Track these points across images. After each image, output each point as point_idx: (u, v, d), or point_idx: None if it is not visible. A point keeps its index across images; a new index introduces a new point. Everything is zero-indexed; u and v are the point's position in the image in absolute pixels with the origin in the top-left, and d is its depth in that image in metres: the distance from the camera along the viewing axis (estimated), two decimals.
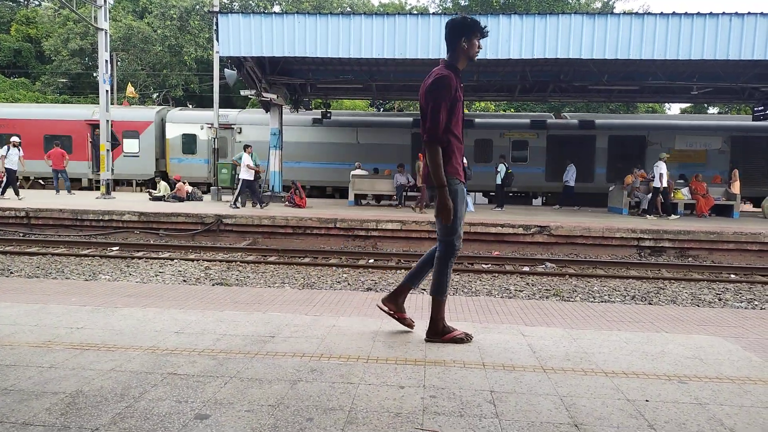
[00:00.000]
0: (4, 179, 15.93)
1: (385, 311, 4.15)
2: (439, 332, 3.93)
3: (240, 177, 14.88)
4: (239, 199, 15.04)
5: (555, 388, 3.12)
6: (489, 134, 21.37)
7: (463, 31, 3.55)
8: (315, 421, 2.63)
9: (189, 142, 22.46)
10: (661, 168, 14.99)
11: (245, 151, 15.06)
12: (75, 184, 21.64)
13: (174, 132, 22.41)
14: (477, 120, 21.88)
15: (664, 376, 3.36)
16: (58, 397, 2.85)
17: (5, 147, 16.12)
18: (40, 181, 23.04)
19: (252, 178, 14.82)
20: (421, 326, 4.16)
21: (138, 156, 22.58)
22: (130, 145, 22.39)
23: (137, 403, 2.80)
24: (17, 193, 15.81)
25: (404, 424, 2.62)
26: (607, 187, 18.87)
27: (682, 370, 3.47)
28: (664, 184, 15.06)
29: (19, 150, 16.17)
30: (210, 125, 19.93)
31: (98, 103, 18.57)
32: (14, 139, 16.27)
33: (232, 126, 22.22)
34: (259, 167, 15.69)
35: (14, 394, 2.88)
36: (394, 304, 4.13)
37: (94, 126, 21.77)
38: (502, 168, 16.92)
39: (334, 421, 2.63)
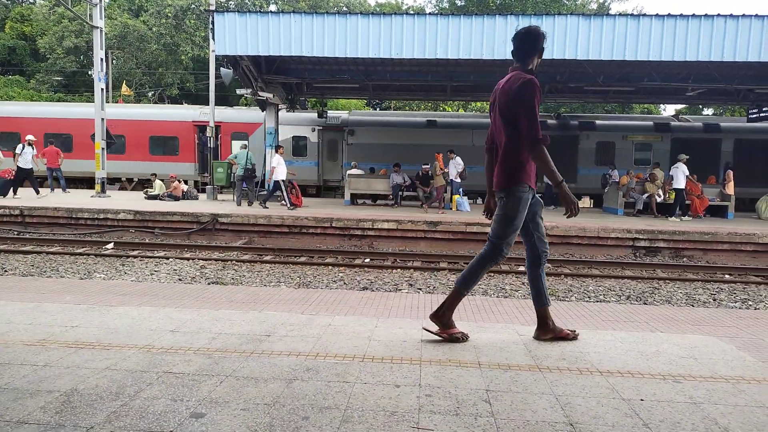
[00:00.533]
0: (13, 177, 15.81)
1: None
2: (443, 322, 3.92)
3: (275, 178, 14.83)
4: (267, 199, 15.04)
5: (550, 388, 3.13)
6: (611, 137, 21.08)
7: (540, 41, 3.67)
8: (311, 420, 2.63)
9: (299, 145, 22.28)
10: (683, 169, 15.13)
11: (277, 152, 15.18)
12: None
13: (284, 134, 21.85)
14: (599, 122, 21.64)
15: (659, 376, 3.37)
16: (53, 395, 2.84)
17: (20, 145, 15.97)
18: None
19: (284, 177, 14.90)
20: (414, 326, 4.16)
21: None
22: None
23: (132, 401, 2.79)
24: (37, 192, 15.74)
25: (400, 423, 2.62)
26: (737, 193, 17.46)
27: (676, 370, 3.49)
28: (681, 185, 15.22)
29: (33, 149, 16.03)
30: (321, 127, 19.84)
31: (167, 105, 18.91)
32: (29, 137, 16.18)
33: (344, 128, 21.88)
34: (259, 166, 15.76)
35: (8, 392, 2.86)
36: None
37: (201, 127, 21.80)
38: None
39: (329, 420, 2.63)
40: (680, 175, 15.18)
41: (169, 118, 22.48)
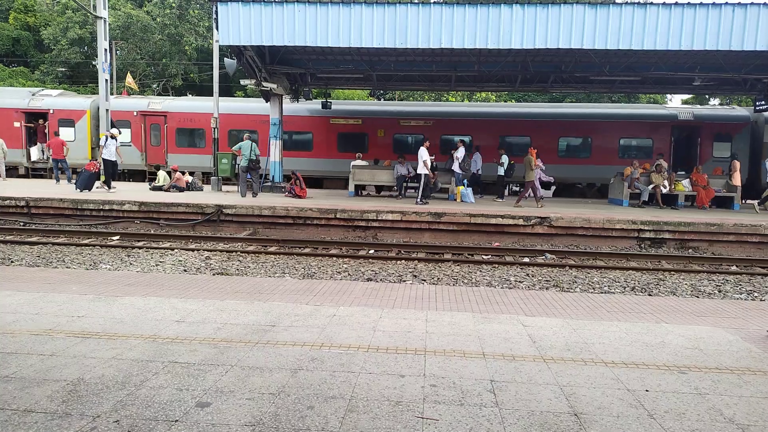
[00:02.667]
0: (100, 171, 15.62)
1: None
2: None
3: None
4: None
5: (555, 378, 3.13)
6: None
7: None
8: (316, 409, 2.64)
9: None
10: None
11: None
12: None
13: None
14: None
15: (663, 367, 3.37)
16: (60, 384, 2.86)
17: (104, 137, 15.70)
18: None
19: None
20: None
21: None
22: None
23: (138, 390, 2.81)
24: (109, 186, 15.49)
25: (404, 413, 2.63)
26: None
27: (681, 361, 3.48)
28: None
29: (116, 141, 15.70)
30: None
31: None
32: (113, 130, 15.98)
33: None
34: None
35: (16, 381, 2.88)
36: None
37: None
38: (505, 159, 16.83)
39: (334, 410, 2.64)
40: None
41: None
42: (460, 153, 16.35)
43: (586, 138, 20.67)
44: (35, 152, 22.10)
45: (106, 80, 16.70)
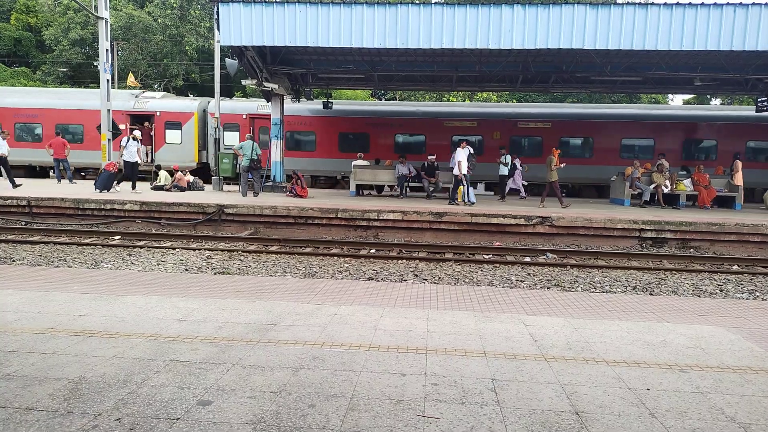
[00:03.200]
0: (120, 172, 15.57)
1: None
2: None
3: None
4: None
5: (556, 377, 3.12)
6: None
7: None
8: (317, 408, 2.64)
9: None
10: None
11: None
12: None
13: None
14: None
15: (665, 366, 3.36)
16: (61, 383, 2.86)
17: (125, 138, 15.63)
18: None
19: None
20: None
21: None
22: None
23: (140, 389, 2.81)
24: (134, 186, 15.52)
25: (406, 411, 2.63)
26: None
27: (683, 360, 3.48)
28: None
29: (137, 143, 15.72)
30: None
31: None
32: (136, 133, 15.95)
33: None
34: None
35: (17, 379, 2.89)
36: None
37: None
38: (507, 159, 16.80)
39: (336, 408, 2.64)
40: None
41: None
42: (460, 155, 16.06)
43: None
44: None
45: (108, 80, 16.71)
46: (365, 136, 21.23)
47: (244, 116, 21.52)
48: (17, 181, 15.55)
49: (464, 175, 14.73)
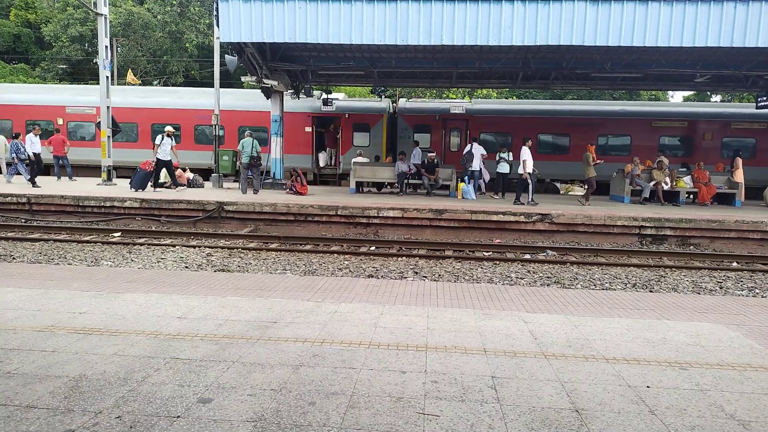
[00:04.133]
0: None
1: None
2: None
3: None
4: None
5: (556, 374, 3.13)
6: None
7: None
8: (317, 405, 2.64)
9: None
10: None
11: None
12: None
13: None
14: None
15: (665, 363, 3.37)
16: (62, 380, 2.87)
17: (159, 136, 15.50)
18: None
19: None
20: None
21: None
22: None
23: (140, 387, 2.81)
24: (175, 183, 15.55)
25: (406, 409, 2.63)
26: None
27: (683, 357, 3.49)
28: None
29: (172, 140, 15.56)
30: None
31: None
32: (168, 128, 15.84)
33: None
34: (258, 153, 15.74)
35: (18, 377, 2.89)
36: None
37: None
38: (507, 156, 16.56)
39: (336, 405, 2.64)
40: None
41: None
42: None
43: None
44: (323, 158, 21.38)
45: (107, 77, 16.68)
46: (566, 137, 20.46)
47: (437, 117, 20.65)
48: (37, 181, 15.48)
49: (529, 173, 14.27)
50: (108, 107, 16.71)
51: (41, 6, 39.17)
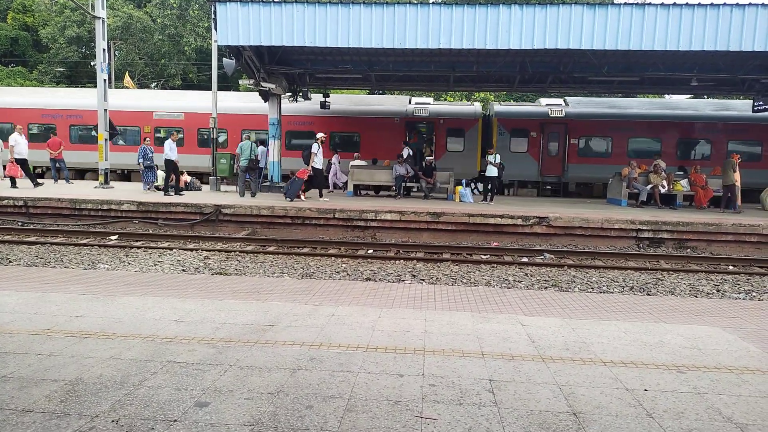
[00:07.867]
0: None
1: None
2: None
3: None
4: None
5: (554, 377, 3.13)
6: None
7: None
8: (314, 409, 2.64)
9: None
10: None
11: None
12: None
13: None
14: None
15: (662, 366, 3.37)
16: (58, 384, 2.85)
17: (315, 144, 14.82)
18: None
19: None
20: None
21: None
22: None
23: (137, 390, 2.80)
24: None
25: (403, 412, 2.63)
26: None
27: (680, 360, 3.49)
28: None
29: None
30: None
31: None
32: (320, 135, 15.40)
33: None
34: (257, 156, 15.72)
35: (14, 381, 2.88)
36: None
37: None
38: (495, 158, 16.27)
39: (333, 409, 2.64)
40: None
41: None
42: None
43: None
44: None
45: (105, 80, 16.67)
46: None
47: (537, 122, 20.16)
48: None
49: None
50: (105, 110, 16.68)
51: (39, 9, 39.15)
